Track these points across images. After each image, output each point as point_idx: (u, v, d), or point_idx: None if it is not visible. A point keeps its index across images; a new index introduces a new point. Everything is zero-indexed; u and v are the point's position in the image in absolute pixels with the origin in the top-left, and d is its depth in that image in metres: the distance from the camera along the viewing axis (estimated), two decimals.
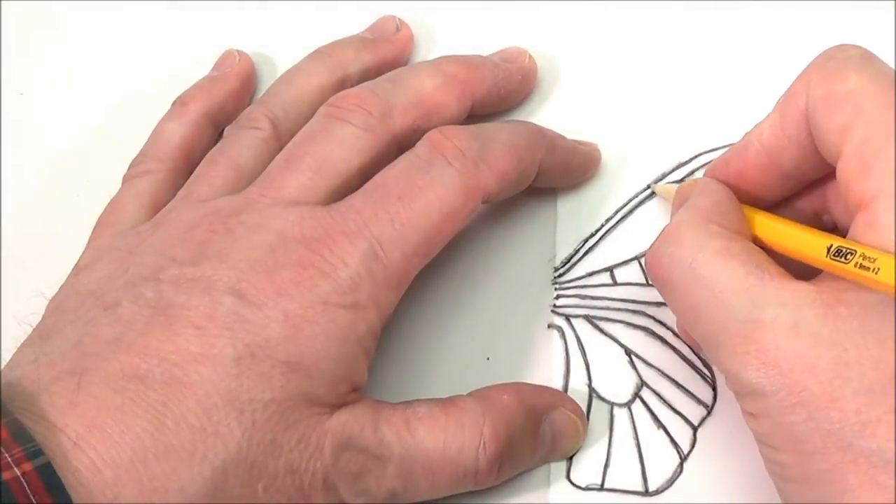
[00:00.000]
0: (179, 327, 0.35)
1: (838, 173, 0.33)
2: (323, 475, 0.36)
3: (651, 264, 0.36)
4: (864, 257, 0.31)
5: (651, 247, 0.36)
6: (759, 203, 0.37)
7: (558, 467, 0.40)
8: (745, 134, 0.37)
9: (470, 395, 0.39)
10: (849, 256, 0.32)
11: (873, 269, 0.31)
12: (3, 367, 0.37)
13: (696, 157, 0.44)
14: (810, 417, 0.31)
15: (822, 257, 0.33)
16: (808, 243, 0.34)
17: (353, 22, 0.48)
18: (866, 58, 0.34)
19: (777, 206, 0.38)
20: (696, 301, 0.34)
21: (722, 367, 0.34)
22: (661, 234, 0.36)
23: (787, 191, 0.37)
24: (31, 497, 0.31)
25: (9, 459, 0.31)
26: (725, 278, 0.33)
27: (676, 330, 0.41)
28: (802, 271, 0.34)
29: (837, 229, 0.37)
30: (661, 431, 0.40)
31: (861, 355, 0.31)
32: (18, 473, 0.31)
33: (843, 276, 0.32)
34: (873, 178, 0.32)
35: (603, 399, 0.41)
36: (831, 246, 0.32)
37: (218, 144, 0.44)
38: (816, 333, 0.31)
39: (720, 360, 0.34)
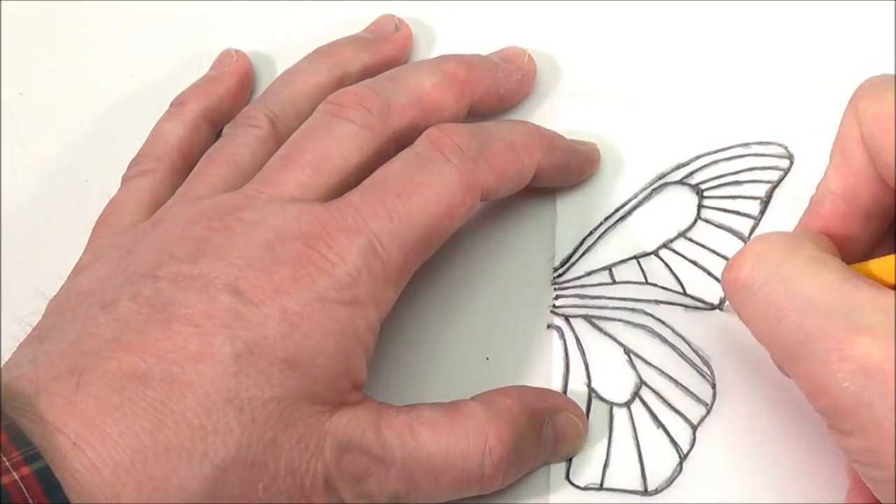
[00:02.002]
0: (178, 325, 0.35)
1: None
2: (324, 476, 0.36)
3: (730, 269, 0.34)
4: None
5: (733, 257, 0.34)
6: (852, 258, 0.35)
7: (558, 467, 0.40)
8: (813, 194, 0.36)
9: (474, 399, 0.39)
10: None
11: None
12: (2, 367, 0.37)
13: (695, 157, 0.44)
14: None
15: None
16: None
17: (352, 21, 0.48)
18: None
19: (868, 258, 0.36)
20: (780, 306, 0.32)
21: (809, 380, 0.31)
22: (748, 243, 0.34)
23: (874, 235, 0.36)
24: (30, 501, 0.31)
25: (7, 464, 0.31)
26: (818, 283, 0.32)
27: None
28: None
29: None
30: (661, 431, 0.40)
31: None
32: (17, 478, 0.31)
33: None
34: None
35: (602, 399, 0.41)
36: None
37: (216, 143, 0.44)
38: None
39: (806, 374, 0.31)
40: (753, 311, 0.33)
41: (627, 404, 0.41)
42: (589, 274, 0.43)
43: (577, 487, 0.40)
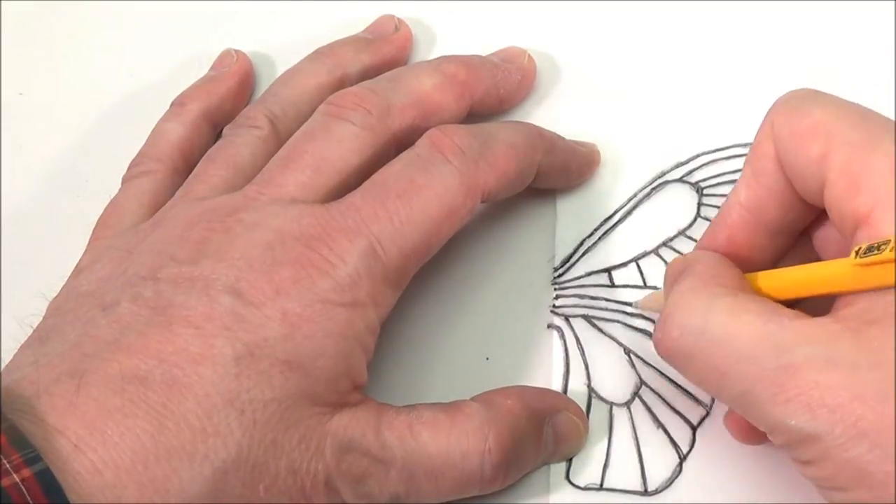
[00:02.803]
0: (178, 327, 0.35)
1: (827, 200, 0.33)
2: (324, 477, 0.36)
3: (661, 340, 0.34)
4: None
5: (657, 326, 0.35)
6: (755, 267, 0.36)
7: (558, 467, 0.40)
8: (723, 203, 0.37)
9: (474, 399, 0.39)
10: (882, 247, 0.31)
11: None
12: (2, 368, 0.37)
13: (695, 157, 0.44)
14: (875, 445, 0.30)
15: (847, 267, 0.32)
16: (827, 267, 0.33)
17: (352, 22, 0.48)
18: (820, 94, 0.34)
19: (771, 268, 0.37)
20: (717, 364, 0.32)
21: (764, 422, 0.32)
22: (665, 309, 0.35)
23: (778, 248, 0.37)
24: (31, 503, 0.31)
25: (7, 466, 0.31)
26: (743, 333, 0.32)
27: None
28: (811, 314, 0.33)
29: None
30: (661, 431, 0.40)
31: None
32: (17, 480, 0.31)
33: (867, 283, 0.31)
34: (866, 193, 0.32)
35: (602, 399, 0.41)
36: (859, 248, 0.31)
37: (217, 143, 0.44)
38: (854, 362, 0.30)
39: (760, 416, 0.32)
40: (695, 375, 0.34)
41: (627, 404, 0.41)
42: (589, 275, 0.43)
43: (577, 487, 0.40)
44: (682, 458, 0.40)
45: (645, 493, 0.40)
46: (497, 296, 0.43)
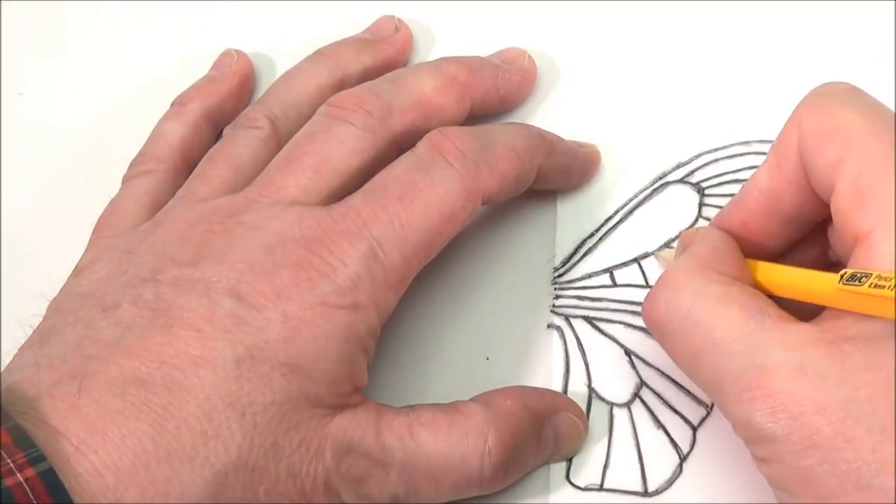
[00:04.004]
0: (179, 330, 0.35)
1: (833, 208, 0.33)
2: (324, 479, 0.36)
3: (648, 311, 0.35)
4: (880, 278, 0.30)
5: (648, 294, 0.36)
6: (764, 253, 0.37)
7: (558, 468, 0.40)
8: (744, 184, 0.37)
9: (474, 400, 0.39)
10: (863, 279, 0.31)
11: (889, 288, 0.30)
12: (3, 369, 0.37)
13: (696, 157, 0.44)
14: (825, 459, 0.30)
15: (832, 287, 0.32)
16: (815, 278, 0.33)
17: (352, 22, 0.48)
18: (854, 92, 0.34)
19: (781, 255, 0.37)
20: (695, 348, 0.33)
21: (728, 413, 0.33)
22: (658, 281, 0.35)
23: (791, 237, 0.37)
24: (34, 502, 0.31)
25: (11, 465, 0.31)
26: (725, 324, 0.33)
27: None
28: (802, 317, 0.33)
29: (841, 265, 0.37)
30: (661, 431, 0.40)
31: (871, 393, 0.30)
32: (21, 479, 0.31)
33: (849, 306, 0.32)
34: (869, 211, 0.31)
35: (602, 399, 0.41)
36: (844, 273, 0.31)
37: (217, 144, 0.44)
38: (824, 374, 0.31)
39: (725, 407, 0.33)
40: (673, 351, 0.35)
41: (628, 405, 0.41)
42: (590, 276, 0.43)
43: (577, 488, 0.40)
44: (683, 459, 0.40)
45: (645, 493, 0.40)
46: (497, 296, 0.43)
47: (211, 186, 0.41)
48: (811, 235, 0.37)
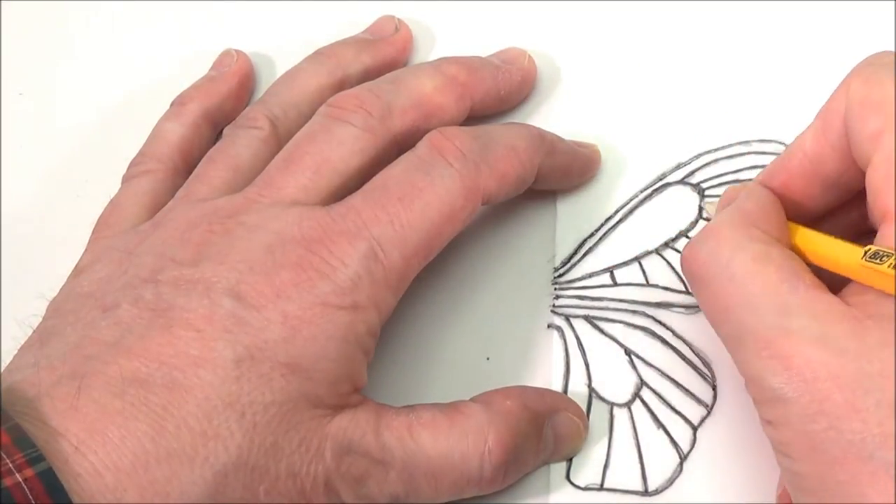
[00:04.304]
0: (179, 330, 0.35)
1: (867, 180, 0.33)
2: (324, 479, 0.36)
3: (687, 258, 0.36)
4: None
5: (689, 242, 0.36)
6: (805, 214, 0.37)
7: (558, 467, 0.40)
8: (790, 144, 0.37)
9: (474, 400, 0.39)
10: (884, 259, 0.31)
11: None
12: (2, 369, 0.37)
13: (696, 157, 0.44)
14: (831, 427, 0.31)
15: (857, 260, 0.32)
16: (844, 250, 0.34)
17: (352, 22, 0.48)
18: None
19: (823, 218, 0.37)
20: (726, 300, 0.34)
21: (744, 369, 0.33)
22: (701, 231, 0.36)
23: (832, 201, 0.37)
24: (33, 503, 0.31)
25: (10, 465, 0.31)
26: (759, 282, 0.33)
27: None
28: (835, 285, 0.34)
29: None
30: (661, 431, 0.40)
31: (885, 368, 0.31)
32: (20, 479, 0.31)
33: (872, 282, 0.32)
34: None
35: (603, 399, 0.41)
36: (869, 249, 0.32)
37: (217, 144, 0.44)
38: (844, 348, 0.31)
39: (743, 363, 0.33)
40: (704, 301, 0.35)
41: (628, 405, 0.41)
42: (590, 276, 0.43)
43: (578, 487, 0.40)
44: (683, 459, 0.40)
45: (645, 493, 0.40)
46: (497, 296, 0.43)
47: (211, 187, 0.41)
48: (855, 200, 0.37)
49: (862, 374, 0.31)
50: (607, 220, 0.44)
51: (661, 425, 0.41)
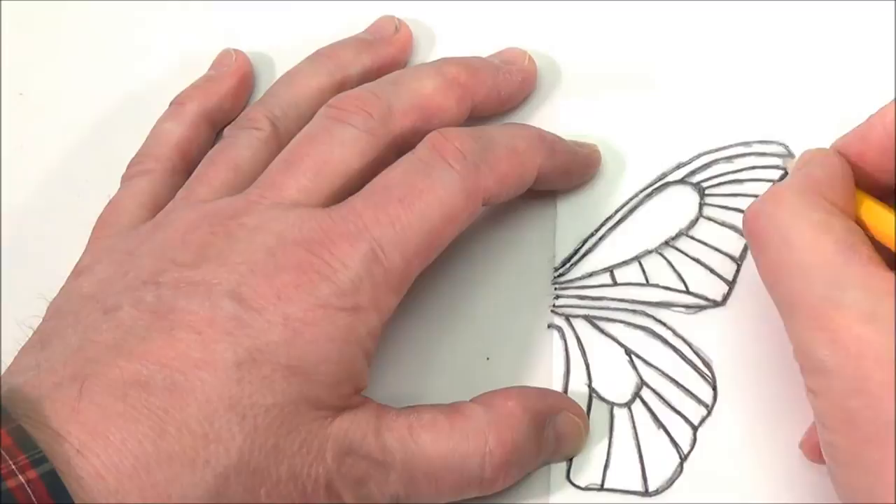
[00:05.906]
0: (180, 332, 0.35)
1: None
2: (325, 480, 0.36)
3: (749, 219, 0.36)
4: None
5: (753, 203, 0.36)
6: (877, 188, 0.37)
7: (558, 467, 0.40)
8: (869, 116, 0.36)
9: (474, 401, 0.39)
10: None
11: None
12: (3, 371, 0.37)
13: (696, 157, 0.44)
14: (869, 406, 0.31)
15: None
16: None
17: (352, 22, 0.48)
18: None
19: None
20: (781, 265, 0.34)
21: (793, 336, 0.34)
22: (767, 192, 0.36)
23: None
24: None
25: (13, 467, 0.31)
26: (815, 251, 0.33)
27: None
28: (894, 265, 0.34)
29: None
30: (661, 431, 0.40)
31: None
32: (23, 481, 0.31)
33: None
34: None
35: (603, 399, 0.41)
36: None
37: (217, 145, 0.44)
38: (892, 327, 0.31)
39: (792, 330, 0.34)
40: (760, 263, 0.35)
41: (628, 405, 0.41)
42: (590, 275, 0.43)
43: (578, 487, 0.40)
44: (683, 459, 0.40)
45: (646, 493, 0.40)
46: (497, 296, 0.43)
47: (211, 188, 0.41)
48: None
49: None
50: (607, 219, 0.44)
51: (661, 425, 0.41)
